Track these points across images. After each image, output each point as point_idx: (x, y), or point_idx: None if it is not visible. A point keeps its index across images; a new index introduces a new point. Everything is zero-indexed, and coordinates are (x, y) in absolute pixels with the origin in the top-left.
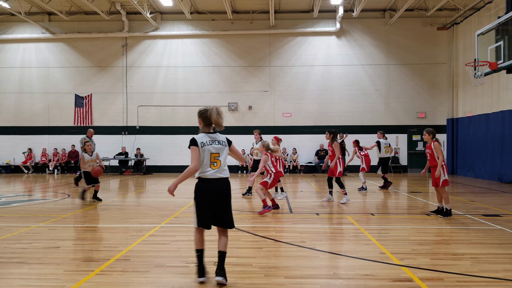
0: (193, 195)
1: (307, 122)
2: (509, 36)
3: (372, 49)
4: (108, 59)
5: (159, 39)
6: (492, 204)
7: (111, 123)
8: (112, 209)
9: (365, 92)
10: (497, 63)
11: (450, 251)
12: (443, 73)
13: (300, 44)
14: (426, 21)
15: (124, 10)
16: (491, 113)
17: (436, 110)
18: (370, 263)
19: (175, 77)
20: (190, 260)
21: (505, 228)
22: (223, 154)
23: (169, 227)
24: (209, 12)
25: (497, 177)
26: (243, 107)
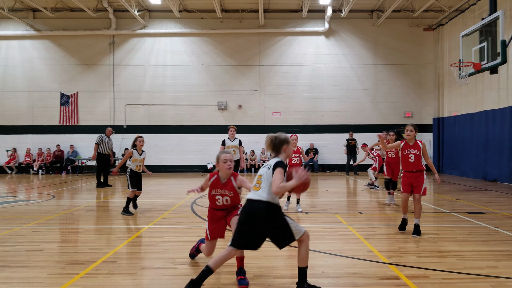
0: (180, 196)
1: (296, 121)
2: (492, 38)
3: (360, 49)
4: (94, 57)
5: (147, 37)
6: (477, 202)
7: (98, 122)
8: (98, 210)
9: (353, 91)
10: (481, 63)
11: (435, 248)
12: (429, 73)
13: (289, 44)
14: (412, 22)
15: (111, 7)
16: (476, 113)
17: (423, 110)
18: (358, 261)
19: (164, 76)
20: (178, 262)
21: (489, 225)
22: (264, 175)
23: (157, 228)
24: (198, 11)
25: (481, 175)
26: (232, 106)
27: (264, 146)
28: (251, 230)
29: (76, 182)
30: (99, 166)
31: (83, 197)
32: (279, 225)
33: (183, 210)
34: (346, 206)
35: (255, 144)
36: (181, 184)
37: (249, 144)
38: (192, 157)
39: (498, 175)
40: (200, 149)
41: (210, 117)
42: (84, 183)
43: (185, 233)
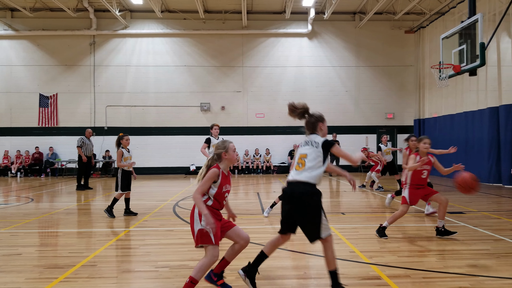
0: (163, 198)
1: (280, 122)
2: (471, 40)
3: (342, 51)
4: (75, 57)
5: (128, 38)
6: (457, 202)
7: (78, 123)
8: (78, 213)
9: (336, 93)
10: (461, 66)
11: (416, 248)
12: (410, 75)
13: (272, 45)
14: (394, 25)
15: (92, 7)
16: (456, 114)
17: (404, 111)
18: (340, 262)
19: (146, 77)
20: (160, 265)
21: (468, 225)
22: (310, 154)
23: (138, 231)
24: (180, 11)
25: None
26: (216, 107)
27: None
28: (290, 213)
29: (56, 185)
30: (80, 169)
31: (63, 200)
32: (314, 215)
33: (165, 212)
34: (328, 207)
35: (238, 145)
36: (164, 186)
37: None
38: (174, 159)
39: (478, 175)
40: (183, 151)
41: (193, 119)
42: (64, 186)
43: (167, 235)
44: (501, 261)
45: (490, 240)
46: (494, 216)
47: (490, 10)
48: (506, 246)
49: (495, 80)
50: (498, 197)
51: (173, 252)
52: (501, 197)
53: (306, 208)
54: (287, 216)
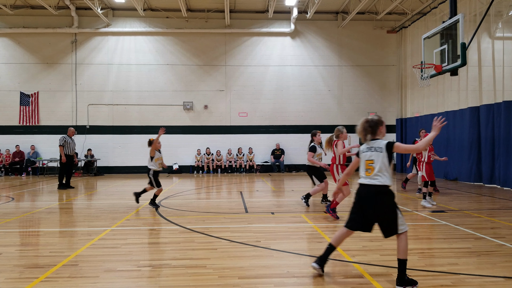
0: (145, 197)
1: (263, 121)
2: (452, 40)
3: (325, 50)
4: (56, 55)
5: (110, 36)
6: (438, 200)
7: (60, 122)
8: (60, 213)
9: (319, 92)
10: (442, 65)
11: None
12: (392, 75)
13: (255, 44)
14: (376, 24)
15: (73, 5)
16: (437, 114)
17: (386, 110)
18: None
19: (128, 75)
20: (142, 264)
21: (450, 223)
22: (378, 160)
23: (120, 230)
24: (163, 10)
25: (443, 175)
26: (198, 106)
27: (358, 132)
28: (365, 214)
29: (37, 184)
30: (62, 168)
31: (44, 199)
32: (390, 212)
33: (148, 211)
34: (311, 206)
35: (221, 144)
36: (146, 185)
37: (215, 144)
38: None
39: (459, 174)
40: (166, 149)
41: (176, 117)
42: (46, 185)
43: (149, 234)
44: (482, 259)
45: (471, 239)
46: (475, 215)
47: (471, 11)
48: (486, 245)
49: (476, 80)
50: (478, 196)
51: (155, 252)
52: (481, 196)
53: (384, 208)
54: (365, 216)
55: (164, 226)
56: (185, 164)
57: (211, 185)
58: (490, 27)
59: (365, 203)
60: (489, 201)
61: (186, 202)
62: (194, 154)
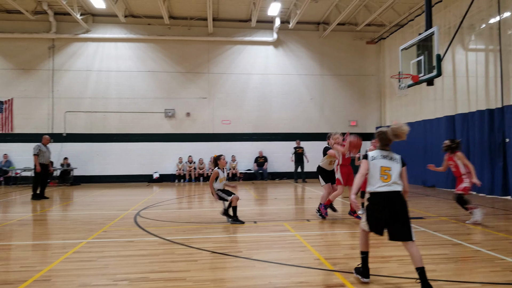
0: (124, 207)
1: (246, 129)
2: (428, 52)
3: (307, 60)
4: (33, 61)
5: (90, 42)
6: (417, 207)
7: (35, 130)
8: (32, 225)
9: (301, 100)
10: (419, 76)
11: (379, 254)
12: (372, 84)
13: (238, 52)
14: (356, 35)
15: (51, 10)
16: (415, 122)
17: (366, 119)
18: (305, 269)
19: (108, 82)
20: (119, 277)
21: (428, 230)
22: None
23: (96, 243)
24: (144, 16)
25: (420, 181)
26: (180, 114)
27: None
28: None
29: (10, 194)
30: (36, 177)
31: (17, 210)
32: (406, 219)
33: (126, 222)
34: (294, 214)
35: (204, 152)
36: (125, 195)
37: (198, 152)
38: (137, 166)
39: (436, 181)
40: (146, 158)
41: (157, 125)
42: (19, 195)
43: (127, 247)
44: (459, 265)
45: (448, 245)
46: (452, 221)
47: (446, 24)
48: (463, 250)
49: (451, 90)
50: (455, 202)
51: (133, 264)
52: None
53: (405, 212)
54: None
55: (142, 238)
56: (166, 172)
57: (192, 194)
58: (464, 39)
59: (389, 207)
60: None
61: (166, 212)
62: (176, 163)
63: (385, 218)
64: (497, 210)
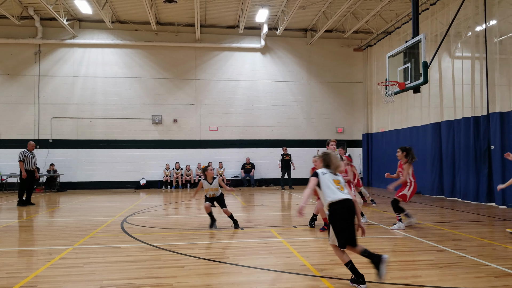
0: (110, 213)
1: (233, 136)
2: (415, 59)
3: (294, 67)
4: (18, 67)
5: (76, 48)
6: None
7: (20, 136)
8: (18, 231)
9: (288, 107)
10: (405, 83)
11: (364, 260)
12: (359, 92)
13: (226, 59)
14: (343, 42)
15: (37, 15)
16: (401, 129)
17: (353, 126)
18: (291, 275)
19: (94, 88)
20: (105, 284)
21: (414, 236)
22: (342, 181)
23: (83, 249)
24: (131, 22)
25: None
26: (167, 120)
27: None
28: (351, 224)
29: None
30: (22, 183)
31: (2, 217)
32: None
33: (113, 228)
34: (281, 220)
35: (191, 158)
36: (112, 201)
37: (185, 159)
38: (123, 172)
39: (422, 188)
40: (133, 164)
41: (144, 131)
42: (4, 202)
43: (113, 253)
44: (444, 271)
45: (433, 251)
46: (437, 227)
47: (432, 31)
48: (448, 256)
49: (437, 97)
50: (441, 209)
51: (119, 271)
52: (443, 209)
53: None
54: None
55: (129, 244)
56: (153, 179)
57: (179, 200)
58: (450, 47)
59: (350, 212)
60: (451, 214)
61: (153, 218)
62: (163, 169)
63: (352, 224)
64: (481, 216)
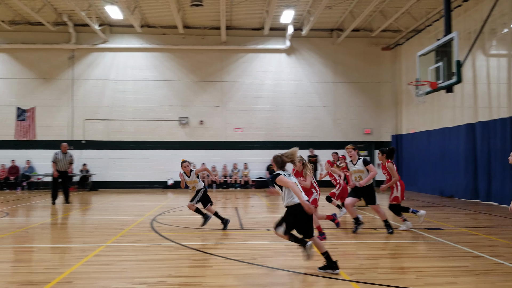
0: (140, 212)
1: (258, 137)
2: (447, 58)
3: (320, 67)
4: (53, 71)
5: (107, 52)
6: (435, 217)
7: (56, 137)
8: (54, 228)
9: (313, 108)
10: (437, 83)
11: (396, 265)
12: (387, 92)
13: (251, 61)
14: (371, 42)
15: (71, 21)
16: (432, 130)
17: (381, 127)
18: (320, 278)
19: (124, 91)
20: (137, 281)
21: (447, 241)
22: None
23: (114, 247)
24: (160, 26)
25: (438, 191)
26: (194, 121)
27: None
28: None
29: (32, 199)
30: (53, 183)
31: (39, 214)
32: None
33: (143, 227)
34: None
35: (216, 159)
36: (140, 201)
37: (211, 160)
38: (151, 173)
39: (455, 191)
40: (160, 164)
41: (171, 133)
42: (40, 200)
43: (144, 251)
44: (480, 278)
45: (469, 257)
46: (472, 233)
47: (466, 29)
48: (485, 263)
49: (471, 97)
50: (475, 213)
51: (150, 269)
52: (478, 213)
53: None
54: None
55: (159, 243)
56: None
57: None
58: (485, 45)
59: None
60: (486, 219)
61: (181, 218)
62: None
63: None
64: None
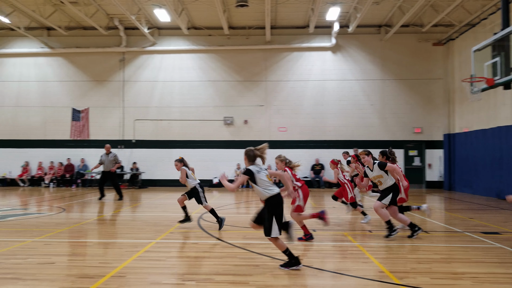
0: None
1: (302, 136)
2: (505, 53)
3: (367, 65)
4: (105, 73)
5: (156, 54)
6: (491, 221)
7: (108, 136)
8: (106, 224)
9: (359, 107)
10: (494, 79)
11: (450, 270)
12: (438, 89)
13: (296, 59)
14: (421, 37)
15: (122, 25)
16: (488, 129)
17: (433, 126)
18: (369, 282)
19: (171, 92)
20: (186, 278)
21: (505, 246)
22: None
23: (164, 243)
24: (205, 28)
25: (495, 193)
26: (238, 121)
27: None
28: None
29: (86, 195)
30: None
31: (92, 211)
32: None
33: (190, 225)
34: (354, 224)
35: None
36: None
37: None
38: (197, 171)
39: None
40: (206, 163)
41: (216, 132)
42: (93, 197)
43: (192, 248)
44: None
45: None
46: None
47: None
48: None
49: None
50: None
51: (198, 266)
52: None
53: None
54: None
55: (206, 240)
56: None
57: (250, 199)
58: None
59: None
60: None
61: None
62: (234, 169)
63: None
64: None
